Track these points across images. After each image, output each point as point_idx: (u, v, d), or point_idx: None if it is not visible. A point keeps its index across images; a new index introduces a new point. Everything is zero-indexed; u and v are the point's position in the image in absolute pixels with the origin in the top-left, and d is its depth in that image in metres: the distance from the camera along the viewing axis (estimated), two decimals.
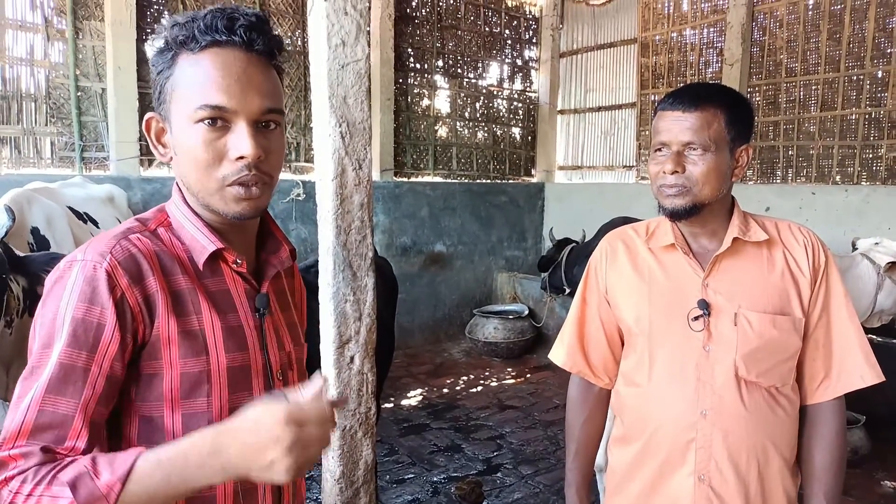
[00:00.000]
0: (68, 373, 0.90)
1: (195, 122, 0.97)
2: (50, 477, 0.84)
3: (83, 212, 3.70)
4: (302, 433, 0.81)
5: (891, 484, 3.85)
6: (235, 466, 0.83)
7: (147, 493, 0.84)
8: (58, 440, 0.88)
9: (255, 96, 0.98)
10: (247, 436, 0.82)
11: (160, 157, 1.06)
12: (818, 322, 1.44)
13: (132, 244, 0.98)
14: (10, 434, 0.88)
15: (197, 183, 1.00)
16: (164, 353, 0.97)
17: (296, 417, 0.81)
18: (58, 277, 0.95)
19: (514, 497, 3.72)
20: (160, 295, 0.97)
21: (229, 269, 1.07)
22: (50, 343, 0.92)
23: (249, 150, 0.96)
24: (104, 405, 0.93)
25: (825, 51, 5.79)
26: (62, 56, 5.08)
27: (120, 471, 0.83)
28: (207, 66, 0.97)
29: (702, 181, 1.37)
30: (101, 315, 0.92)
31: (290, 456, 0.81)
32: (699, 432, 1.40)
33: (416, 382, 5.80)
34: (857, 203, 5.45)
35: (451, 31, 7.33)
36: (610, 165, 7.83)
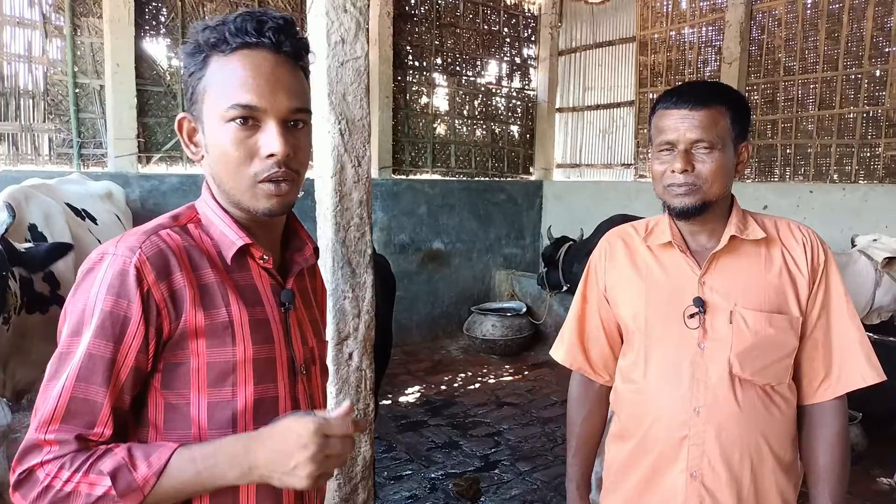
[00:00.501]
0: (96, 362, 0.94)
1: (226, 122, 1.00)
2: (88, 465, 0.90)
3: (81, 208, 3.70)
4: (326, 445, 0.88)
5: (887, 481, 3.87)
6: (261, 469, 0.89)
7: (176, 487, 0.91)
8: (88, 426, 0.94)
9: (283, 96, 1.01)
10: (276, 442, 0.89)
11: (192, 155, 1.09)
12: (818, 322, 1.44)
13: (161, 240, 1.01)
14: (43, 419, 0.93)
15: (229, 181, 1.03)
16: (192, 344, 1.00)
17: (323, 430, 0.88)
18: (89, 269, 0.99)
19: (511, 493, 3.73)
20: (187, 290, 1.00)
21: (256, 265, 1.10)
22: (79, 331, 0.96)
23: (279, 147, 0.99)
24: (128, 394, 0.98)
25: (823, 50, 5.80)
26: (60, 53, 5.07)
27: (156, 466, 0.90)
28: (238, 67, 1.00)
29: (711, 179, 1.37)
30: (127, 308, 0.95)
31: (312, 463, 0.88)
32: (692, 429, 1.41)
33: (414, 380, 5.81)
34: (854, 201, 5.46)
35: (450, 29, 7.33)
36: (608, 164, 7.84)
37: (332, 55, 2.22)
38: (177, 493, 0.92)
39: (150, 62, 5.44)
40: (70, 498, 0.90)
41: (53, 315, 3.03)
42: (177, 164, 5.67)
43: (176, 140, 5.60)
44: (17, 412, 4.30)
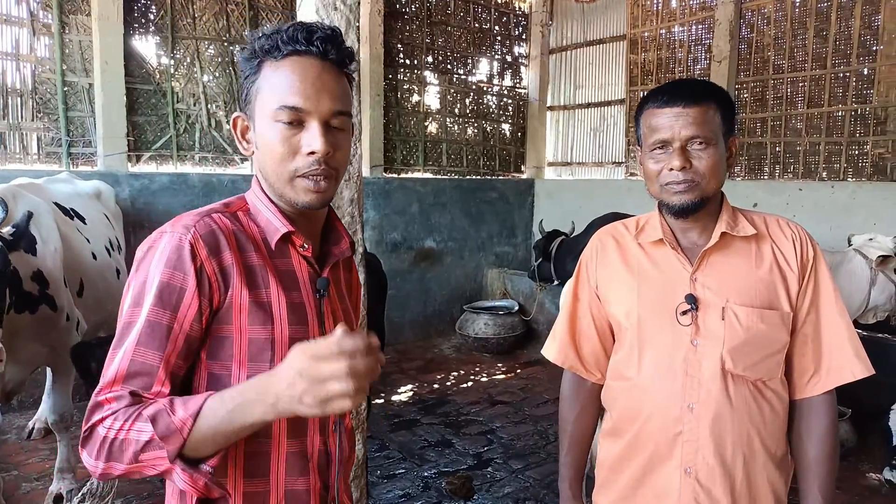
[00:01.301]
0: (154, 329, 1.04)
1: (275, 121, 1.10)
2: (136, 414, 0.98)
3: (70, 208, 3.67)
4: (316, 367, 0.89)
5: (876, 476, 3.90)
6: (281, 401, 0.93)
7: (212, 428, 0.97)
8: (145, 387, 1.03)
9: (326, 99, 1.10)
10: (283, 374, 0.93)
11: (243, 150, 1.20)
12: (807, 317, 1.45)
13: (214, 221, 1.12)
14: (106, 381, 1.03)
15: (273, 174, 1.13)
16: (235, 318, 1.10)
17: (309, 353, 0.90)
18: (149, 247, 1.09)
19: (504, 491, 3.74)
20: (235, 268, 1.10)
21: (296, 253, 1.19)
22: (140, 302, 1.06)
23: (320, 146, 1.08)
24: (184, 360, 1.08)
25: (812, 48, 5.84)
26: (48, 51, 5.03)
27: (192, 409, 0.97)
28: (287, 72, 1.10)
29: (709, 174, 1.38)
30: (183, 280, 1.06)
31: (309, 388, 0.90)
32: (686, 426, 1.41)
33: (406, 378, 5.80)
34: (843, 199, 5.50)
35: (441, 27, 7.32)
36: (599, 162, 7.86)
37: None
38: (215, 434, 0.97)
39: (139, 60, 5.41)
40: (123, 446, 0.98)
41: (42, 315, 3.01)
42: (167, 162, 5.64)
43: (167, 138, 5.58)
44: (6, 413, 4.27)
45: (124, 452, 0.98)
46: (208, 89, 5.80)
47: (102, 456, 0.99)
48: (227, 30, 5.85)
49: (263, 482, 1.14)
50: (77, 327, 3.32)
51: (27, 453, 3.96)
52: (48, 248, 3.08)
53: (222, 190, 5.64)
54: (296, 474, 1.16)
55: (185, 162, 5.74)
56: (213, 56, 5.82)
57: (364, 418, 2.55)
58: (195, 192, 5.49)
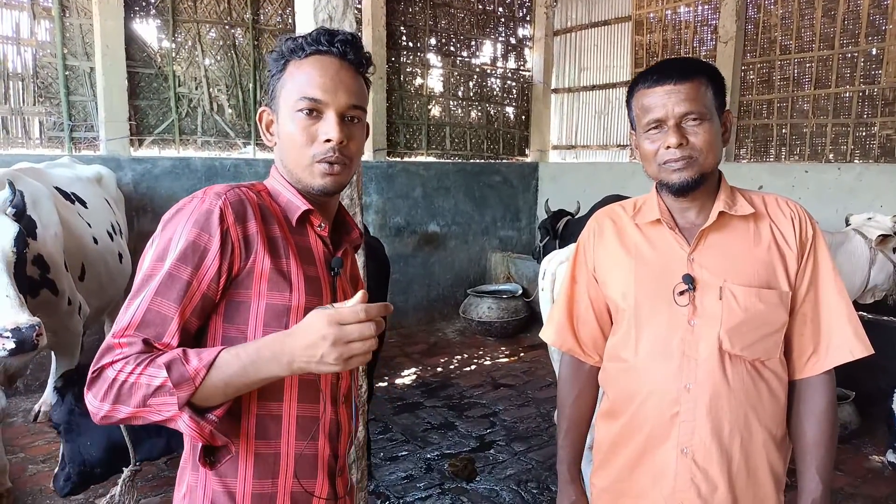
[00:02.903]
0: (174, 281, 1.10)
1: (296, 111, 1.20)
2: (148, 360, 1.03)
3: (71, 192, 3.67)
4: (342, 332, 0.99)
5: (879, 459, 3.90)
6: (297, 361, 1.01)
7: (224, 381, 1.03)
8: (157, 336, 1.07)
9: (343, 94, 1.21)
10: (302, 336, 1.01)
11: (268, 142, 1.30)
12: (806, 296, 1.44)
13: (242, 193, 1.19)
14: (120, 327, 1.07)
15: (293, 160, 1.23)
16: (255, 284, 1.16)
17: (337, 318, 0.99)
18: (179, 209, 1.16)
19: (506, 473, 3.75)
20: (259, 237, 1.17)
21: (313, 232, 1.28)
22: (164, 257, 1.11)
23: (336, 134, 1.19)
24: (197, 317, 1.13)
25: (820, 28, 5.76)
26: (49, 34, 5.02)
27: (206, 360, 1.02)
28: (309, 68, 1.21)
29: (706, 150, 1.37)
30: (208, 241, 1.12)
31: (335, 350, 0.99)
32: (683, 406, 1.40)
33: (410, 362, 5.82)
34: (849, 181, 5.45)
35: (444, 9, 7.25)
36: (604, 144, 7.81)
37: None
38: (226, 386, 1.03)
39: (140, 44, 5.39)
40: (133, 389, 1.02)
41: (44, 299, 3.02)
42: (169, 146, 5.63)
43: (168, 123, 5.57)
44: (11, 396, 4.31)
45: (133, 396, 1.02)
46: (210, 73, 5.77)
47: (109, 398, 1.03)
48: (229, 13, 5.81)
49: (275, 444, 1.19)
50: (79, 311, 3.33)
51: (33, 436, 3.99)
52: (48, 233, 3.08)
53: (224, 174, 5.64)
54: (306, 438, 1.22)
55: (187, 146, 5.73)
56: (215, 39, 5.79)
57: (366, 400, 2.56)
58: (197, 177, 5.48)
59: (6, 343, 2.36)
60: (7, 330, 2.36)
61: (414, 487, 3.58)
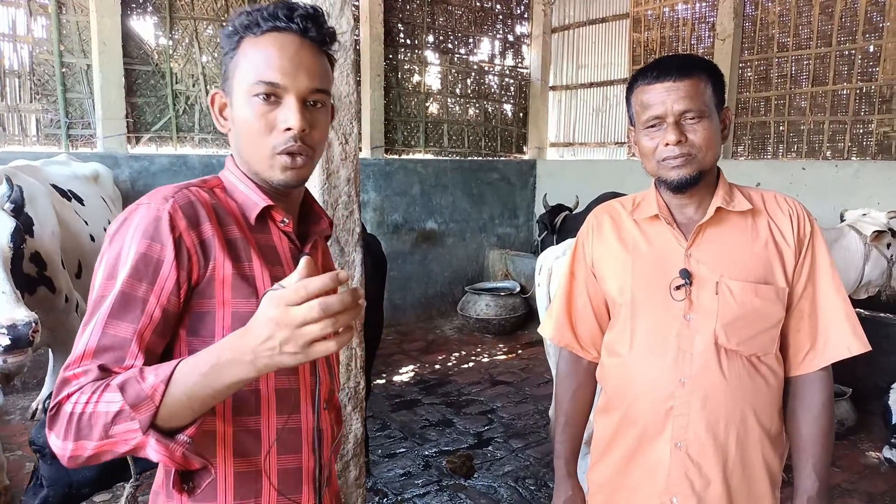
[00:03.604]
0: (129, 300, 1.00)
1: (252, 96, 1.08)
2: (104, 386, 0.92)
3: (67, 189, 3.66)
4: (288, 315, 0.83)
5: (876, 455, 3.91)
6: (260, 357, 0.86)
7: (187, 394, 0.90)
8: (117, 361, 0.97)
9: (304, 76, 1.09)
10: (256, 328, 0.86)
11: (221, 128, 1.18)
12: (803, 292, 1.44)
13: (192, 194, 1.09)
14: (75, 357, 0.97)
15: (249, 151, 1.12)
16: (218, 292, 1.06)
17: (278, 300, 0.84)
18: (124, 219, 1.05)
19: (504, 470, 3.76)
20: (215, 240, 1.07)
21: (276, 228, 1.17)
22: (114, 274, 1.01)
23: (296, 122, 1.07)
24: (160, 336, 1.03)
25: (817, 25, 5.76)
26: (46, 31, 5.00)
27: (163, 374, 0.91)
28: (266, 47, 1.09)
29: (705, 147, 1.37)
30: (161, 251, 1.01)
31: (288, 336, 0.83)
32: (677, 400, 1.41)
33: (408, 359, 5.82)
34: (847, 178, 5.46)
35: (442, 6, 7.24)
36: (602, 142, 7.81)
37: None
38: (190, 399, 0.90)
39: (137, 41, 5.37)
40: (92, 420, 0.91)
41: (41, 296, 3.02)
42: (167, 144, 5.62)
43: (166, 120, 5.56)
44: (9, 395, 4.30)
45: (93, 428, 0.91)
46: (207, 70, 5.76)
47: (70, 435, 0.92)
48: (226, 10, 5.79)
49: (255, 461, 1.10)
50: (76, 309, 3.32)
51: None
52: (45, 230, 3.08)
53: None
54: (289, 452, 1.13)
55: (184, 143, 5.72)
56: (212, 36, 5.77)
57: (363, 397, 2.56)
58: (195, 174, 5.47)
59: (2, 339, 2.35)
60: (3, 326, 2.35)
61: (412, 484, 3.58)
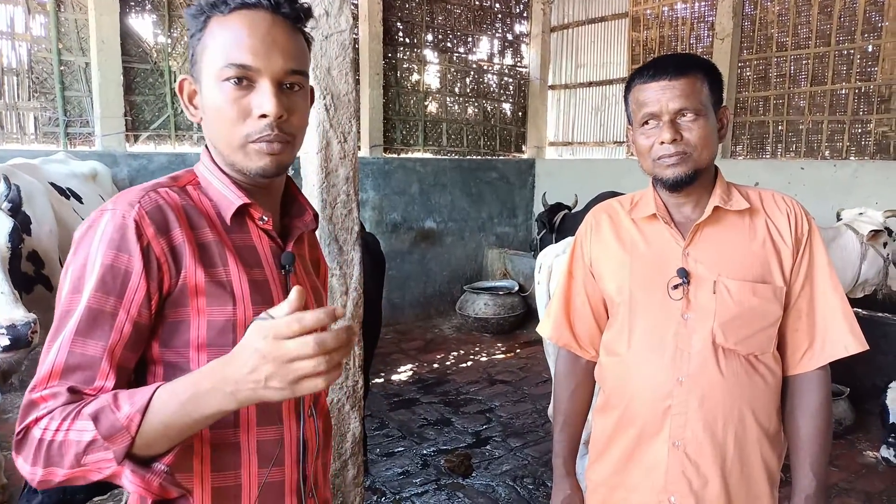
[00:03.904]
0: (96, 316, 0.93)
1: (222, 81, 1.00)
2: (75, 413, 0.87)
3: (66, 187, 3.66)
4: (279, 348, 0.79)
5: (873, 454, 3.92)
6: (242, 390, 0.83)
7: (164, 424, 0.86)
8: (86, 381, 0.92)
9: (278, 57, 1.01)
10: (241, 358, 0.82)
11: (191, 117, 1.09)
12: (801, 291, 1.44)
13: (160, 196, 1.02)
14: (41, 377, 0.92)
15: (222, 140, 1.04)
16: (192, 301, 1.00)
17: (267, 331, 0.80)
18: (88, 226, 0.98)
19: (502, 469, 3.76)
20: (186, 246, 1.00)
21: (255, 227, 1.10)
22: (80, 288, 0.95)
23: (272, 108, 0.99)
24: (132, 350, 0.97)
25: (816, 25, 5.76)
26: (44, 29, 4.99)
27: (139, 403, 0.86)
28: (234, 26, 1.00)
29: (700, 145, 1.37)
30: (128, 262, 0.95)
31: (275, 370, 0.79)
32: (675, 399, 1.41)
33: (406, 358, 5.82)
34: (845, 178, 5.46)
35: (441, 5, 7.24)
36: (600, 141, 7.81)
37: (316, 28, 2.18)
38: (167, 429, 0.86)
39: (136, 39, 5.36)
40: (63, 448, 0.87)
41: (38, 295, 3.01)
42: (165, 142, 5.61)
43: (164, 118, 5.55)
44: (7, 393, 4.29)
45: (64, 456, 0.87)
46: None
47: (40, 461, 0.88)
48: None
49: (234, 475, 1.04)
50: None
51: None
52: (43, 229, 3.07)
53: None
54: (270, 465, 1.07)
55: (183, 142, 5.72)
56: None
57: (361, 396, 2.56)
58: None
59: (1, 340, 2.35)
60: (2, 327, 2.35)
61: (410, 483, 3.58)
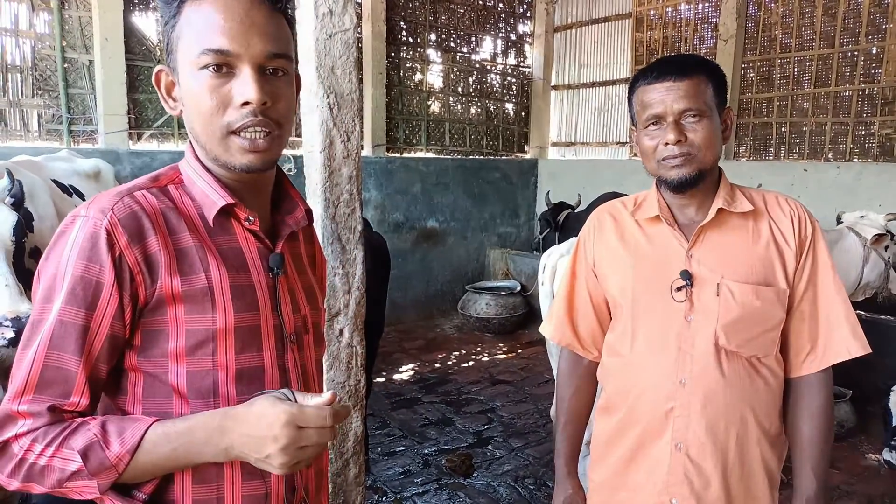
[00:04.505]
0: (69, 330, 0.91)
1: (199, 69, 0.94)
2: (60, 440, 0.87)
3: (68, 184, 3.66)
4: (299, 436, 0.83)
5: (875, 457, 3.91)
6: (236, 450, 0.86)
7: (152, 463, 0.88)
8: (62, 396, 0.90)
9: (258, 40, 0.95)
10: (250, 427, 0.84)
11: (170, 110, 1.04)
12: (804, 294, 1.44)
13: (135, 201, 0.97)
14: (17, 389, 0.90)
15: (203, 133, 0.98)
16: (170, 310, 0.96)
17: (297, 420, 0.83)
18: (61, 231, 0.95)
19: (503, 469, 3.76)
20: (163, 254, 0.95)
21: (241, 228, 1.05)
22: (51, 297, 0.92)
23: (254, 94, 0.93)
24: (104, 362, 0.95)
25: (820, 26, 5.75)
26: (48, 27, 5.00)
27: (130, 443, 0.86)
28: (210, 10, 0.94)
29: (705, 146, 1.37)
30: (99, 273, 0.92)
31: (285, 455, 0.83)
32: (678, 401, 1.41)
33: (408, 358, 5.82)
34: (848, 180, 5.45)
35: (444, 4, 7.23)
36: (603, 141, 7.80)
37: (321, 27, 2.18)
38: (154, 468, 0.89)
39: (139, 37, 5.37)
40: (44, 472, 0.88)
41: None
42: (168, 140, 5.62)
43: (168, 116, 5.55)
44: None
45: (46, 477, 0.88)
46: None
47: (19, 476, 0.89)
48: None
49: (216, 487, 1.01)
50: None
51: None
52: (45, 225, 3.07)
53: None
54: (254, 477, 1.02)
55: (186, 140, 5.71)
56: None
57: (363, 396, 2.56)
58: None
59: (6, 332, 2.34)
60: (7, 319, 2.35)
61: (411, 483, 3.58)
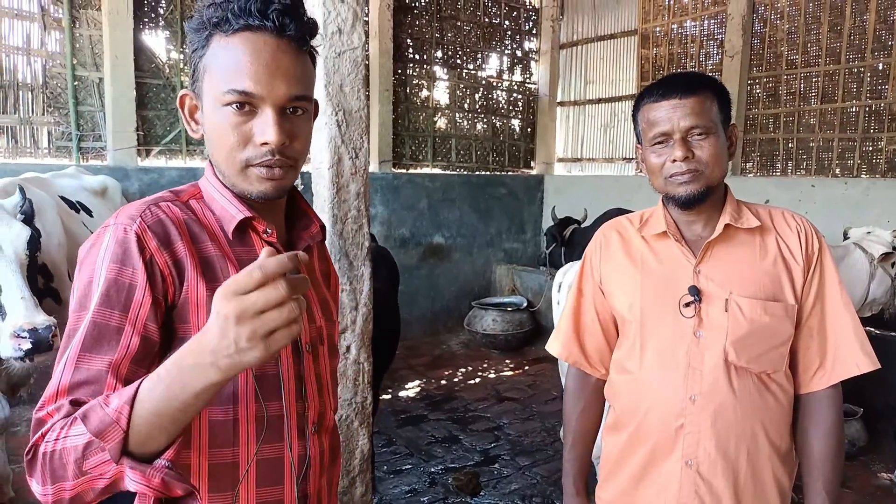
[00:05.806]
0: (101, 331, 0.92)
1: (223, 105, 0.99)
2: (71, 420, 0.85)
3: (76, 201, 3.69)
4: (242, 302, 0.74)
5: (887, 476, 3.86)
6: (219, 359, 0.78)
7: (154, 412, 0.82)
8: (93, 395, 0.89)
9: (282, 83, 0.99)
10: (212, 327, 0.78)
11: (192, 133, 1.09)
12: (812, 310, 1.43)
13: (162, 210, 1.02)
14: (48, 396, 0.90)
15: (223, 162, 1.03)
16: (193, 316, 0.99)
17: (228, 291, 0.75)
18: (92, 243, 0.99)
19: (511, 488, 3.72)
20: (189, 260, 0.99)
21: (259, 240, 1.08)
22: (85, 305, 0.94)
23: (274, 136, 0.98)
24: (140, 365, 0.94)
25: (826, 43, 5.77)
26: (59, 45, 5.06)
27: (127, 395, 0.82)
28: (238, 50, 0.98)
29: (712, 163, 1.38)
30: (132, 276, 0.95)
31: (244, 327, 0.75)
32: (688, 418, 1.40)
33: (414, 374, 5.80)
34: (856, 196, 5.43)
35: (451, 22, 7.29)
36: (609, 158, 7.81)
37: (330, 45, 2.20)
38: (159, 417, 0.82)
39: (149, 55, 5.43)
40: (63, 458, 0.84)
41: (47, 308, 3.02)
42: (176, 157, 5.66)
43: (176, 133, 5.60)
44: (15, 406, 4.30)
45: (67, 466, 0.84)
46: None
47: (48, 478, 0.85)
48: None
49: (230, 496, 1.02)
50: None
51: None
52: (52, 241, 3.09)
53: None
54: (269, 485, 1.04)
55: (194, 156, 5.76)
56: None
57: (370, 413, 2.55)
58: None
59: (23, 343, 2.35)
60: (24, 330, 2.35)
61: (418, 501, 3.55)
